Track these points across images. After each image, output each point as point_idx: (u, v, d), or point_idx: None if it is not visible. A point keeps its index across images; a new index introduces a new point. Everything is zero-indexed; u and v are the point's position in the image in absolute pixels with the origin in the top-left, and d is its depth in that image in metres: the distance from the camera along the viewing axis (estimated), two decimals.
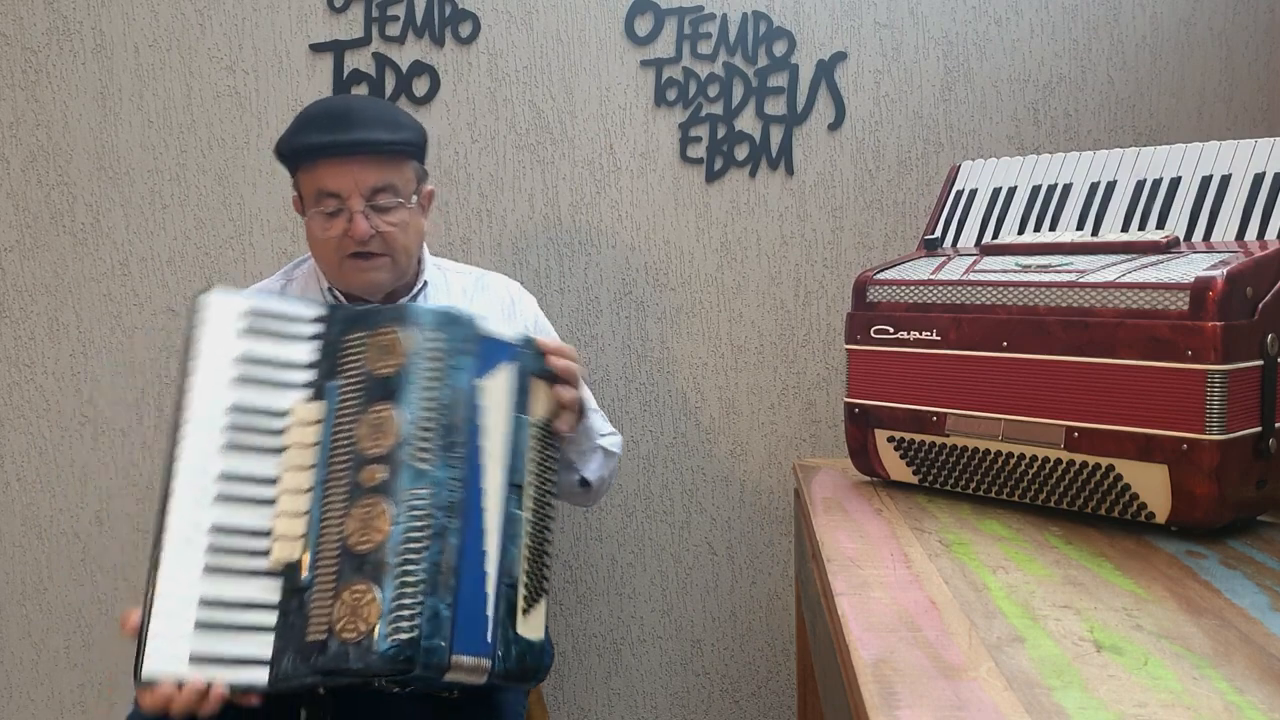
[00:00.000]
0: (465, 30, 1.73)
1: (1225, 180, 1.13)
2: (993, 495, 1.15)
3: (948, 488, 1.19)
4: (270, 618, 1.02)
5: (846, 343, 1.25)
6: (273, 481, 1.06)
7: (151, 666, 0.99)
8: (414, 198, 1.35)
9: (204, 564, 1.03)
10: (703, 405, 1.79)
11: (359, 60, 1.74)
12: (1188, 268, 0.99)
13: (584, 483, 1.38)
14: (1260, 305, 0.97)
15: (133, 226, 1.79)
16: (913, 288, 1.19)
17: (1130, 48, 1.69)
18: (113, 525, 1.84)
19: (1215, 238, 1.11)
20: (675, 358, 1.78)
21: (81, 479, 1.84)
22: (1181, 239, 1.12)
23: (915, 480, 1.22)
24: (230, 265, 1.78)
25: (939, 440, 1.17)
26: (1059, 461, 1.06)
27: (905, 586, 0.90)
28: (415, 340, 1.06)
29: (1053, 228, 1.25)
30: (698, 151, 1.74)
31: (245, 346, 1.09)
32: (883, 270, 1.26)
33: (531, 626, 1.11)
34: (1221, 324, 0.94)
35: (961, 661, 0.73)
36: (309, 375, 1.09)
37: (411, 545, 1.00)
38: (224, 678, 0.99)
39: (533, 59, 1.74)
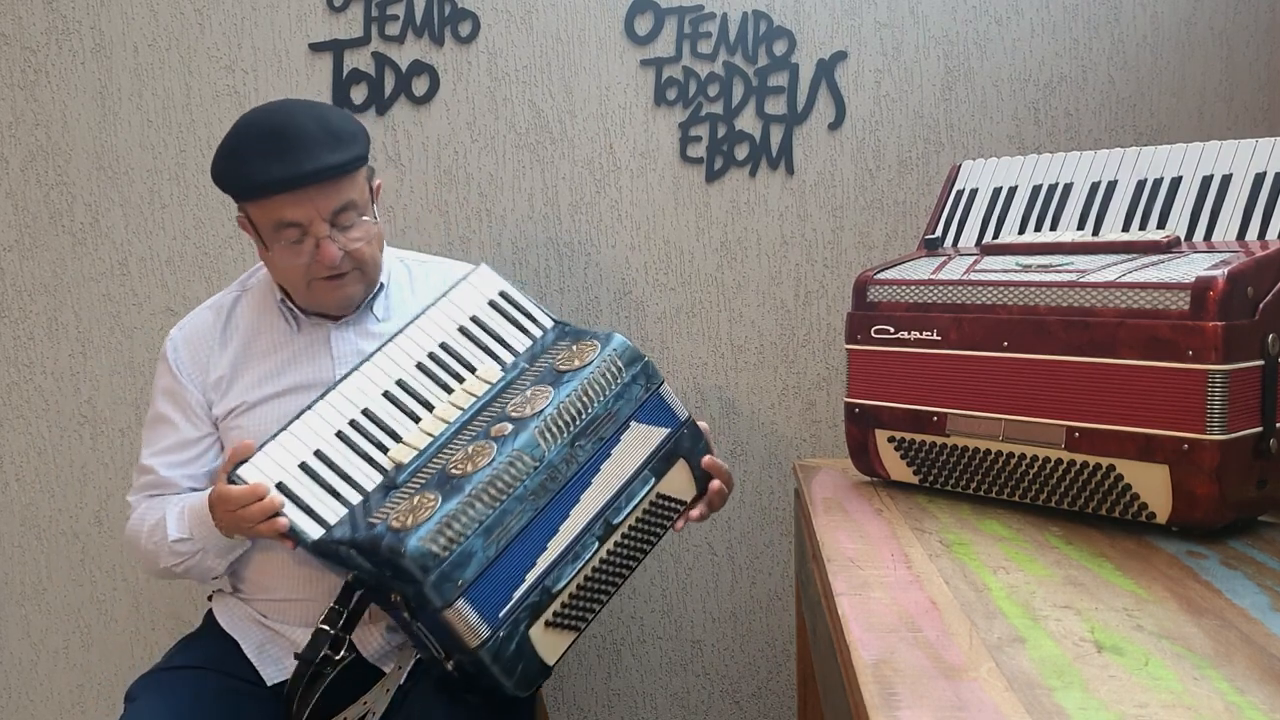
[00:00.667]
0: (465, 30, 1.73)
1: (1226, 180, 1.13)
2: (993, 495, 1.15)
3: (948, 488, 1.19)
4: (355, 498, 1.16)
5: (847, 343, 1.25)
6: (430, 408, 1.23)
7: (248, 470, 1.15)
8: (373, 205, 1.30)
9: (338, 429, 1.20)
10: (703, 405, 1.79)
11: (358, 60, 1.74)
12: (1188, 267, 0.99)
13: None
14: (1261, 305, 0.97)
15: (132, 226, 1.78)
16: (913, 288, 1.19)
17: (1131, 47, 1.69)
18: (112, 525, 1.84)
19: (1216, 237, 1.11)
20: (675, 358, 1.78)
21: (81, 479, 1.84)
22: (1182, 239, 1.11)
23: (916, 480, 1.22)
24: (229, 265, 1.78)
25: (939, 440, 1.17)
26: (1059, 461, 1.06)
27: (906, 587, 0.90)
28: (603, 356, 1.21)
29: (1053, 227, 1.25)
30: (698, 151, 1.74)
31: (483, 312, 1.31)
32: (883, 270, 1.25)
33: (547, 644, 1.14)
34: (1222, 324, 0.94)
35: (962, 662, 0.73)
36: (509, 357, 1.28)
37: (491, 490, 1.10)
38: (291, 516, 1.14)
39: (532, 58, 1.74)
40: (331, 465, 1.18)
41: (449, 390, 1.24)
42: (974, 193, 1.35)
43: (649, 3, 1.71)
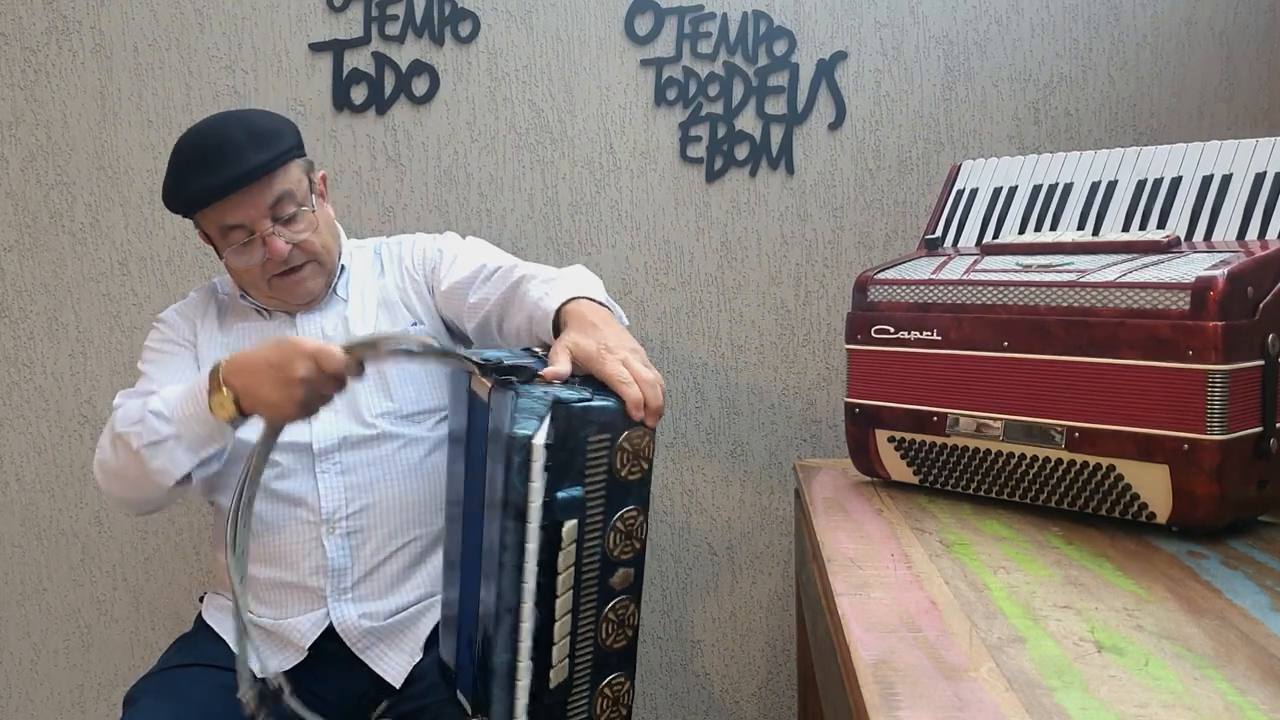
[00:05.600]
0: (465, 30, 1.73)
1: (1226, 180, 1.13)
2: (993, 495, 1.15)
3: (948, 488, 1.19)
4: None
5: (847, 343, 1.25)
6: (550, 608, 0.99)
7: None
8: (312, 196, 1.34)
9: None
10: (703, 405, 1.79)
11: (358, 60, 1.74)
12: (1189, 267, 0.99)
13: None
14: (1261, 305, 0.97)
15: (132, 226, 1.78)
16: (913, 287, 1.19)
17: (1131, 47, 1.68)
18: (112, 525, 1.84)
19: (1216, 237, 1.11)
20: (675, 358, 1.78)
21: (81, 479, 1.83)
22: (1182, 239, 1.11)
23: (916, 480, 1.22)
24: None
25: (939, 440, 1.17)
26: (1060, 461, 1.06)
27: (906, 587, 0.90)
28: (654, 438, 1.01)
29: (1054, 227, 1.25)
30: (698, 151, 1.74)
31: (548, 490, 0.95)
32: (883, 270, 1.25)
33: None
34: (1222, 324, 0.94)
35: (962, 662, 0.73)
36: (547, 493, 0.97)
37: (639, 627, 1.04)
38: None
39: (533, 59, 1.74)
40: None
41: (545, 571, 0.99)
42: (974, 193, 1.35)
43: (649, 3, 1.71)
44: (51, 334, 1.81)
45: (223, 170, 1.25)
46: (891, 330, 1.20)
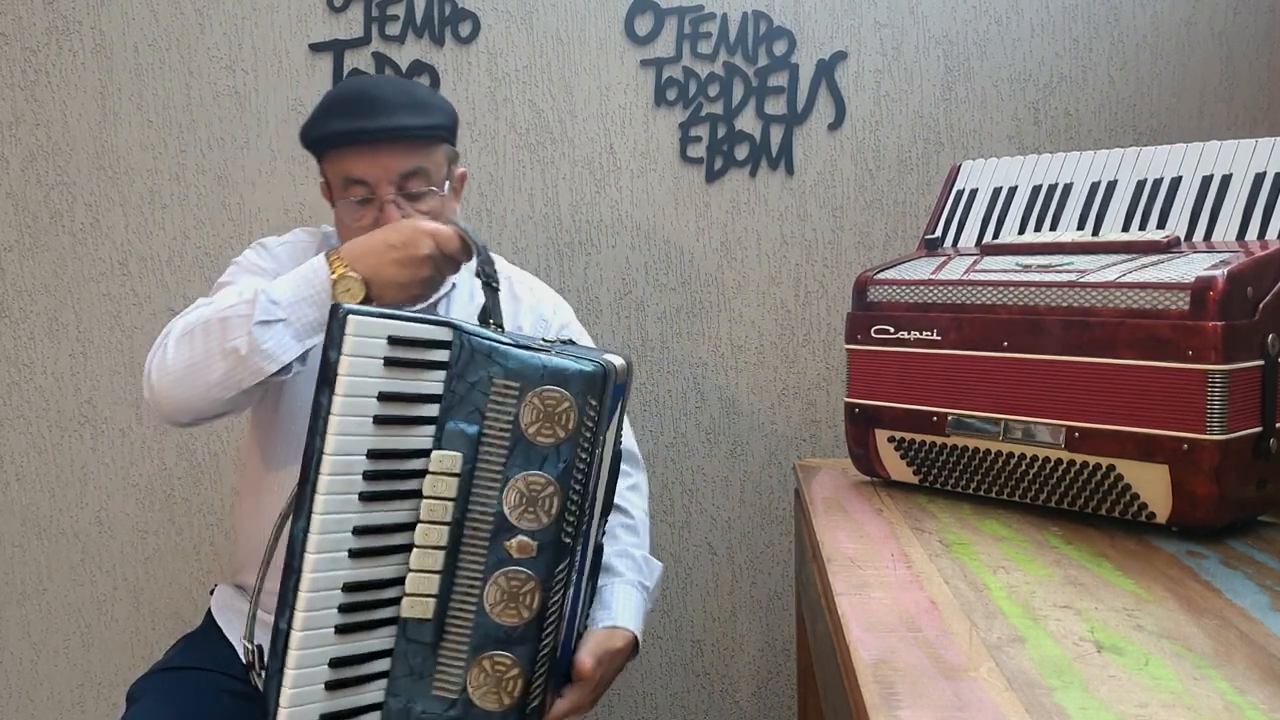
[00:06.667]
0: (465, 30, 1.73)
1: (1226, 180, 1.13)
2: (993, 495, 1.15)
3: (948, 488, 1.19)
4: (386, 664, 0.98)
5: (847, 343, 1.25)
6: (406, 528, 0.97)
7: None
8: (446, 183, 1.29)
9: (335, 624, 0.96)
10: (703, 405, 1.79)
11: (359, 60, 1.74)
12: (1188, 267, 0.99)
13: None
14: (1261, 305, 0.97)
15: (132, 226, 1.79)
16: (913, 287, 1.19)
17: (1131, 47, 1.69)
18: (112, 525, 1.84)
19: (1216, 237, 1.11)
20: (675, 358, 1.78)
21: (81, 479, 1.84)
22: (1182, 239, 1.12)
23: (916, 480, 1.22)
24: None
25: (939, 440, 1.17)
26: (1059, 461, 1.06)
27: (905, 587, 0.90)
28: (582, 411, 0.97)
29: (1053, 227, 1.25)
30: (698, 151, 1.74)
31: (387, 382, 0.96)
32: (883, 270, 1.25)
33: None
34: (1222, 324, 0.94)
35: (962, 662, 0.73)
36: (433, 410, 0.98)
37: (550, 621, 0.99)
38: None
39: (533, 59, 1.74)
40: (353, 660, 0.97)
41: (410, 494, 0.98)
42: (974, 193, 1.35)
43: (649, 3, 1.71)
44: (52, 334, 1.81)
45: (367, 119, 1.21)
46: (891, 330, 1.20)
